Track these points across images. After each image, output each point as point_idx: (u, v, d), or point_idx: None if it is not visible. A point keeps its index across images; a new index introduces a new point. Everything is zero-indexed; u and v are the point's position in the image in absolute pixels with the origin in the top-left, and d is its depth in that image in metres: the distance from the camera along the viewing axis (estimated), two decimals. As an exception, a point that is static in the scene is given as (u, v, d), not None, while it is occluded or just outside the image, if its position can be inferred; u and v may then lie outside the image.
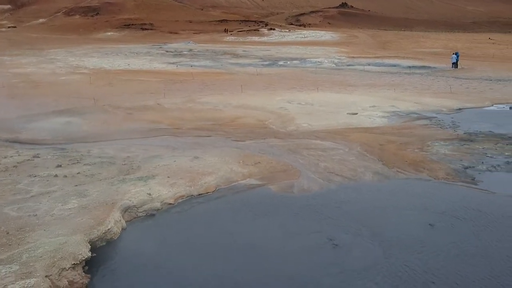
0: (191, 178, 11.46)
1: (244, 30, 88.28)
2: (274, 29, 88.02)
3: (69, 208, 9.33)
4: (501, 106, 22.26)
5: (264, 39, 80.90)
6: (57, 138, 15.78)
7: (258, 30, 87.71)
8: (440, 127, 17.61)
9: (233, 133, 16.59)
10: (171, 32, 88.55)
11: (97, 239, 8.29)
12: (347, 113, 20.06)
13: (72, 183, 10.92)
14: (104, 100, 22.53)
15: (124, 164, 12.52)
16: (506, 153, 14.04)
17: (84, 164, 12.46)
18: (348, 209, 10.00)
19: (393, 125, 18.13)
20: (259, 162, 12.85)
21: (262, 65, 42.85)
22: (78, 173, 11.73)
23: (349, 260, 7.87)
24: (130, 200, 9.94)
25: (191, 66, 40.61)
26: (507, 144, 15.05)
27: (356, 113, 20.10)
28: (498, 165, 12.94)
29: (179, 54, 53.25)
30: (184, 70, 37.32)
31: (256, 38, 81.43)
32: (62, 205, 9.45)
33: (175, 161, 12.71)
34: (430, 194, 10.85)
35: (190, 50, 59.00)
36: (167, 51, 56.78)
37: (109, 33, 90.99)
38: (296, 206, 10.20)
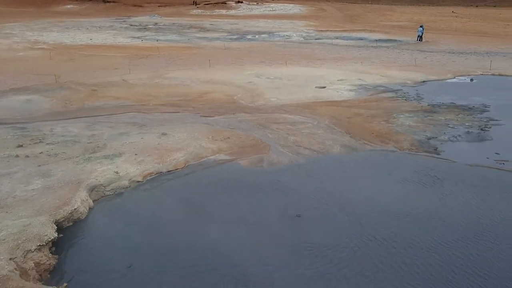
0: (159, 155, 11.29)
1: (211, 3, 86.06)
2: (242, 2, 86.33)
3: (33, 189, 9.03)
4: (463, 78, 22.95)
5: (232, 12, 79.30)
6: (17, 117, 15.10)
7: (226, 3, 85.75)
8: (405, 100, 18.02)
9: (201, 108, 16.38)
10: (135, 5, 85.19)
11: (63, 219, 8.10)
12: (316, 87, 20.17)
13: (35, 163, 10.54)
14: (65, 76, 21.64)
15: (89, 143, 12.17)
16: (467, 124, 14.59)
17: (47, 144, 12.03)
18: (317, 182, 10.18)
19: (360, 98, 18.40)
20: (229, 137, 12.80)
21: (230, 39, 42.15)
22: (41, 152, 11.32)
23: (315, 232, 8.06)
24: (96, 179, 9.73)
25: (157, 41, 39.43)
26: (467, 115, 15.62)
27: (324, 87, 20.24)
28: (459, 135, 13.45)
29: (144, 28, 51.48)
30: (149, 45, 36.21)
31: (223, 11, 79.67)
32: (24, 186, 9.14)
33: (142, 138, 12.47)
34: (395, 165, 11.18)
35: (156, 24, 57.12)
36: (131, 25, 54.75)
37: (69, 6, 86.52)
38: (265, 180, 10.28)
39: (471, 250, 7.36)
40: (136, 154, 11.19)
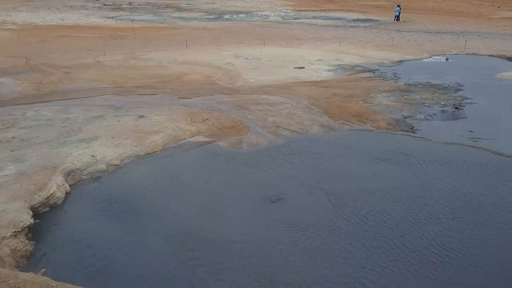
0: (137, 138, 11.12)
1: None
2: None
3: (6, 175, 8.79)
4: (438, 57, 23.27)
5: (209, -9, 77.60)
6: (-14, 101, 14.56)
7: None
8: (383, 79, 18.18)
9: (179, 90, 16.14)
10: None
11: (39, 205, 7.94)
12: (294, 67, 20.11)
13: (7, 148, 10.23)
14: (37, 58, 20.88)
15: (64, 126, 11.87)
16: (442, 102, 14.86)
17: (20, 128, 11.67)
18: (296, 162, 10.24)
19: (339, 78, 18.46)
20: (207, 119, 12.69)
21: (207, 19, 41.38)
22: (13, 137, 10.98)
23: (295, 211, 8.14)
24: (72, 163, 9.53)
25: (132, 21, 38.37)
26: (442, 94, 15.90)
27: (303, 67, 20.20)
28: (434, 114, 13.71)
29: (118, 8, 49.95)
30: (124, 25, 35.20)
31: (200, -10, 77.89)
32: (-3, 172, 8.88)
33: (119, 121, 12.23)
34: (373, 144, 11.34)
35: (130, 3, 55.47)
36: (104, 5, 53.01)
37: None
38: (245, 161, 10.28)
39: (445, 224, 7.59)
40: (113, 137, 10.99)
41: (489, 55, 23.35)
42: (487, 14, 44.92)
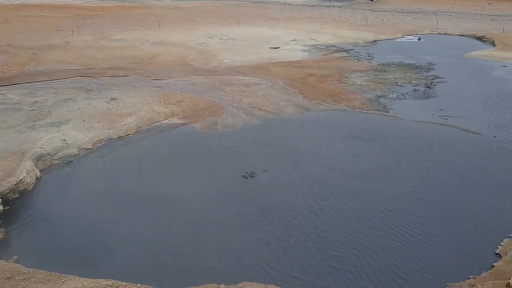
0: (109, 120, 10.87)
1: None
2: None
3: (-29, 161, 8.45)
4: (411, 37, 23.55)
5: (181, -31, 75.54)
6: None
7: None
8: (357, 59, 18.30)
9: (152, 71, 15.80)
10: (74, -40, 78.85)
11: (8, 191, 7.69)
12: (269, 47, 19.97)
13: (-28, 134, 9.82)
14: (1, 39, 19.96)
15: (33, 110, 11.47)
16: (414, 82, 15.11)
17: (-16, 112, 11.20)
18: (271, 142, 10.24)
19: (313, 59, 18.46)
20: (182, 101, 12.51)
21: (180, -2, 40.43)
22: (-22, 122, 10.55)
23: (269, 190, 8.18)
24: (42, 148, 9.24)
25: (101, 0, 37.03)
26: (415, 73, 16.16)
27: (278, 47, 20.08)
28: (407, 93, 13.94)
29: (87, -14, 48.01)
30: (93, 4, 34.00)
31: (172, -32, 75.75)
32: (-39, 158, 8.52)
33: (90, 103, 11.91)
34: (347, 123, 11.45)
35: (99, -19, 53.35)
36: (72, -18, 50.80)
37: (-1, -39, 78.57)
38: (220, 143, 10.21)
39: (417, 197, 7.80)
40: (84, 121, 10.71)
41: (459, 35, 23.79)
42: (458, -6, 45.56)
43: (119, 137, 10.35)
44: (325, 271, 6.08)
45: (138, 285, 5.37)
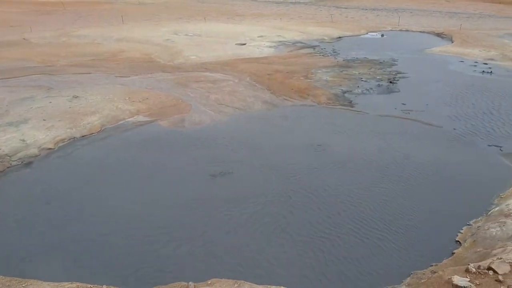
0: (71, 119, 10.53)
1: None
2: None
3: None
4: (374, 33, 24.11)
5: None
6: None
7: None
8: (323, 55, 18.55)
9: (116, 68, 15.42)
10: (31, -47, 75.65)
11: (-38, 195, 7.31)
12: (236, 44, 19.91)
13: None
14: (-48, 35, 18.92)
15: (-12, 109, 10.94)
16: (378, 77, 15.48)
17: None
18: (239, 138, 10.23)
19: (280, 55, 18.57)
20: (147, 98, 12.28)
21: (144, -7, 39.58)
22: None
23: (238, 187, 8.18)
24: (0, 149, 8.84)
25: (61, -6, 35.72)
26: (378, 69, 16.56)
27: (245, 44, 20.06)
28: (371, 88, 14.27)
29: (45, -20, 46.20)
30: (52, -1, 32.76)
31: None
32: None
33: (50, 102, 11.48)
34: (314, 118, 11.60)
35: (58, -25, 51.46)
36: (29, -24, 48.73)
37: None
38: (187, 140, 10.10)
39: (379, 188, 8.01)
40: (44, 120, 10.32)
41: (420, 31, 24.56)
42: (419, -9, 46.99)
43: (83, 136, 10.05)
44: (289, 268, 6.14)
45: (104, 286, 5.24)
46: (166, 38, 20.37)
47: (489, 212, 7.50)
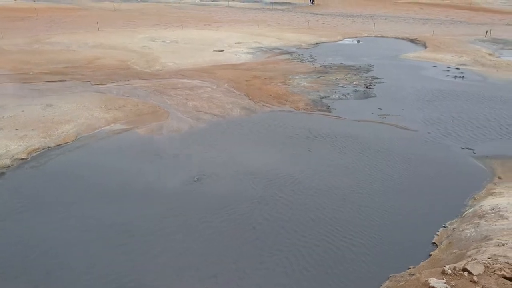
0: (45, 128, 10.28)
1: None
2: (131, -41, 79.96)
3: None
4: (351, 39, 24.50)
5: (121, -30, 73.30)
6: None
7: (113, -40, 78.72)
8: (300, 61, 18.71)
9: (92, 76, 15.15)
10: (3, -41, 73.93)
11: None
12: (214, 50, 19.89)
13: None
14: None
15: (-44, 119, 10.57)
16: (354, 82, 15.71)
17: None
18: (218, 146, 10.19)
19: (258, 61, 18.64)
20: (124, 106, 12.11)
21: (120, -1, 39.23)
22: None
23: (215, 194, 8.13)
24: (-31, 160, 8.55)
25: (34, 1, 35.02)
26: (355, 74, 16.80)
27: (222, 50, 20.06)
28: (348, 94, 14.46)
29: (17, -14, 45.17)
30: (25, 6, 32.05)
31: (111, -31, 73.26)
32: None
33: (23, 111, 11.19)
34: (292, 124, 11.66)
35: (31, -19, 50.41)
36: (0, -18, 47.59)
37: None
38: (165, 147, 9.99)
39: (356, 192, 8.10)
40: (17, 129, 10.04)
41: (395, 37, 25.09)
42: (393, -2, 48.09)
43: (57, 146, 9.82)
44: (264, 272, 6.12)
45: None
46: (143, 44, 20.18)
47: (464, 214, 7.67)
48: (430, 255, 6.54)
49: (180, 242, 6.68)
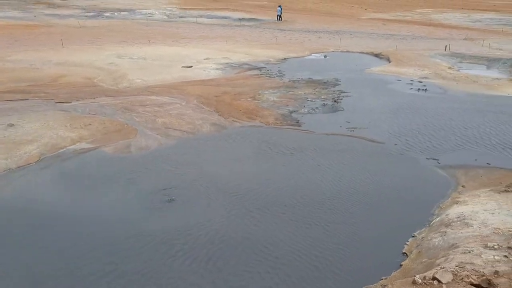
0: (6, 149, 9.87)
1: (60, -24, 77.06)
2: (96, -24, 79.22)
3: None
4: (318, 55, 25.02)
5: (86, -13, 72.39)
6: None
7: (78, -23, 77.73)
8: (269, 77, 18.90)
9: (56, 94, 14.74)
10: (-39, -25, 71.51)
11: None
12: (182, 66, 19.81)
13: None
14: None
15: None
16: (322, 97, 15.99)
17: None
18: (187, 163, 10.07)
19: (227, 77, 18.69)
20: (90, 124, 11.81)
21: (86, 16, 38.63)
22: None
23: (186, 212, 8.00)
24: None
25: (-6, 18, 34.00)
26: (323, 89, 17.11)
27: (191, 66, 20.01)
28: (317, 108, 14.68)
29: (-23, 3, 43.83)
30: (-15, 22, 31.03)
31: (76, -14, 72.22)
32: None
33: (-18, 131, 10.72)
34: (263, 139, 11.70)
35: (-9, -3, 49.02)
36: (-42, -1, 46.06)
37: None
38: (133, 166, 9.79)
39: (325, 204, 8.16)
40: (-25, 151, 9.59)
41: (360, 52, 25.81)
42: (357, 15, 49.66)
43: (19, 167, 9.43)
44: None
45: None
46: (110, 61, 19.87)
47: (431, 223, 7.86)
48: (401, 265, 6.63)
49: (146, 268, 6.49)
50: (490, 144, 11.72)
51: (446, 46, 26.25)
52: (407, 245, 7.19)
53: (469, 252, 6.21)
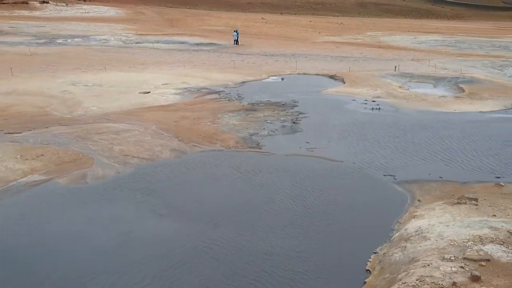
0: (-51, 185, 9.23)
1: (8, 2, 74.82)
2: (48, 3, 77.61)
3: None
4: (275, 77, 25.51)
5: (37, 13, 70.42)
6: None
7: (28, 3, 75.72)
8: (228, 100, 19.01)
9: (4, 124, 14.04)
10: None
11: None
12: (140, 92, 19.55)
13: None
14: None
15: None
16: (282, 118, 16.24)
17: None
18: (146, 190, 9.83)
19: (186, 101, 18.61)
20: (43, 154, 11.31)
21: (37, 43, 37.49)
22: None
23: (146, 242, 7.77)
24: None
25: None
26: (281, 111, 17.40)
27: (149, 92, 19.79)
28: (276, 129, 14.87)
29: None
30: None
31: (26, 12, 70.10)
32: None
33: None
34: (223, 163, 11.65)
35: None
36: None
37: None
38: (89, 197, 9.42)
39: (286, 223, 8.19)
40: None
41: (316, 74, 26.58)
42: (311, 38, 51.40)
43: (-37, 204, 8.81)
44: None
45: None
46: (63, 89, 19.28)
47: (392, 238, 8.05)
48: (365, 283, 6.71)
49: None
50: (442, 158, 12.28)
51: (395, 67, 27.60)
52: (370, 261, 7.30)
53: (428, 265, 6.39)
